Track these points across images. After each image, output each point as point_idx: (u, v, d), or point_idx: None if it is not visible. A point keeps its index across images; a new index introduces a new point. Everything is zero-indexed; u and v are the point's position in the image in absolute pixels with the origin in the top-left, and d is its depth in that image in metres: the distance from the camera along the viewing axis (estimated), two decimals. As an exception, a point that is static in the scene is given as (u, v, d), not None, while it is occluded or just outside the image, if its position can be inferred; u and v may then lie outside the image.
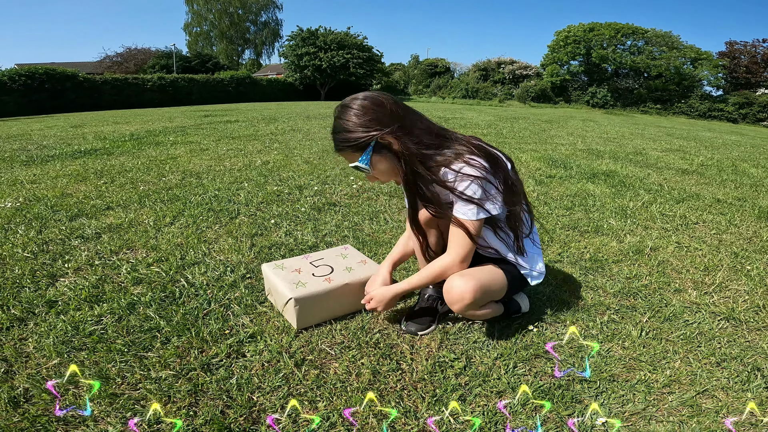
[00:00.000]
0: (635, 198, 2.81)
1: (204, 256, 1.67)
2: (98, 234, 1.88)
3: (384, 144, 1.01)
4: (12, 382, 0.98)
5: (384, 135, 0.99)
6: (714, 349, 1.21)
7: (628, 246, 1.94)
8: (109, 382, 0.98)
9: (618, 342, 1.23)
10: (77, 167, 3.27)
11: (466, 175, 1.01)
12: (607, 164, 4.04)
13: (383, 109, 1.00)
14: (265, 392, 0.98)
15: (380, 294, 1.18)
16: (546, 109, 20.64)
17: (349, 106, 1.02)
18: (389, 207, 2.40)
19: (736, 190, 3.27)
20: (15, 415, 0.88)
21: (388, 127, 0.99)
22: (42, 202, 2.32)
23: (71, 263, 1.58)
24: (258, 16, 38.75)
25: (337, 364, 1.09)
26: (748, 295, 1.55)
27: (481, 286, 1.08)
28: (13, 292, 1.37)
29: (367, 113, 1.00)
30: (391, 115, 1.00)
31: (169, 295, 1.38)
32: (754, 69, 23.48)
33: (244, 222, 2.07)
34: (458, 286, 1.07)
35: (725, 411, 0.98)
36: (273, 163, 3.51)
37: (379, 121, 0.99)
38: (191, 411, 0.92)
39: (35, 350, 1.09)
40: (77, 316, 1.23)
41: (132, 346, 1.11)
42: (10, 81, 13.46)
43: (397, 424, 0.91)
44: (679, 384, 1.06)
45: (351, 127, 1.01)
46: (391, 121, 1.00)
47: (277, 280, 1.25)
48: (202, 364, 1.06)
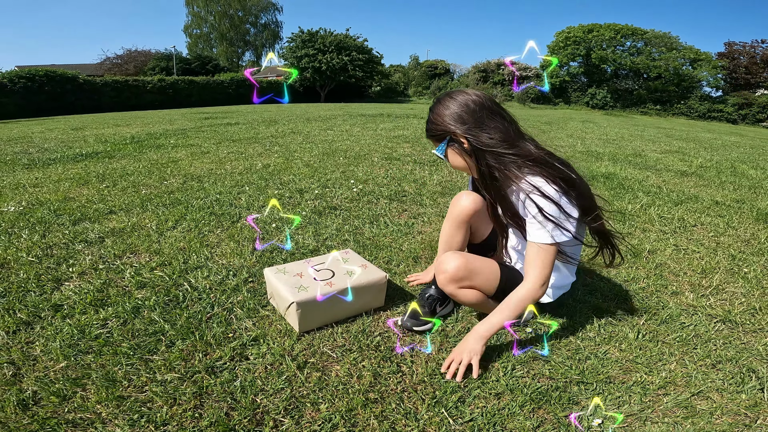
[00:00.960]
0: (634, 200, 2.83)
1: (206, 260, 1.69)
2: (102, 238, 1.90)
3: (457, 141, 1.11)
4: (20, 385, 1.00)
5: (458, 132, 1.10)
6: (710, 351, 1.23)
7: (626, 249, 1.96)
8: (116, 384, 1.00)
9: (615, 344, 1.24)
10: (79, 170, 3.29)
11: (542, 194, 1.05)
12: (606, 166, 4.06)
13: (467, 108, 1.10)
14: (268, 394, 1.00)
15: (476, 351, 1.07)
16: (545, 110, 20.69)
17: (442, 100, 1.15)
18: (389, 210, 2.42)
19: (735, 192, 3.29)
20: (24, 418, 0.90)
21: (465, 126, 1.09)
22: (45, 205, 2.34)
23: (75, 267, 1.60)
24: (258, 18, 38.88)
25: (338, 366, 1.11)
26: (745, 297, 1.57)
27: (467, 266, 1.15)
28: (18, 296, 1.39)
29: (452, 110, 1.11)
30: (473, 116, 1.09)
31: (172, 299, 1.40)
32: (753, 70, 23.54)
33: (245, 226, 2.09)
34: (448, 259, 1.17)
35: (719, 412, 1.00)
36: (273, 166, 3.53)
37: (460, 119, 1.10)
38: (196, 413, 0.94)
39: (42, 353, 1.11)
40: (83, 320, 1.25)
41: (137, 349, 1.13)
42: (10, 83, 13.52)
43: (398, 425, 0.93)
44: (675, 386, 1.08)
45: (436, 119, 1.13)
46: (470, 122, 1.09)
47: (280, 284, 1.27)
48: (207, 366, 1.08)
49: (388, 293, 1.43)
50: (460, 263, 1.15)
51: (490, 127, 1.09)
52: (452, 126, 1.10)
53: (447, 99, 1.14)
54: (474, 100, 1.10)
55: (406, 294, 1.49)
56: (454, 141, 1.12)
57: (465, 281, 1.16)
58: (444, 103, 1.13)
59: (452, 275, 1.15)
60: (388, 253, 1.81)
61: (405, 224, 2.20)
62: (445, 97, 1.15)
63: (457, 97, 1.12)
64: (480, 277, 1.17)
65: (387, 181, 3.08)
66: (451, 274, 1.15)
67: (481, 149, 1.09)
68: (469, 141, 1.09)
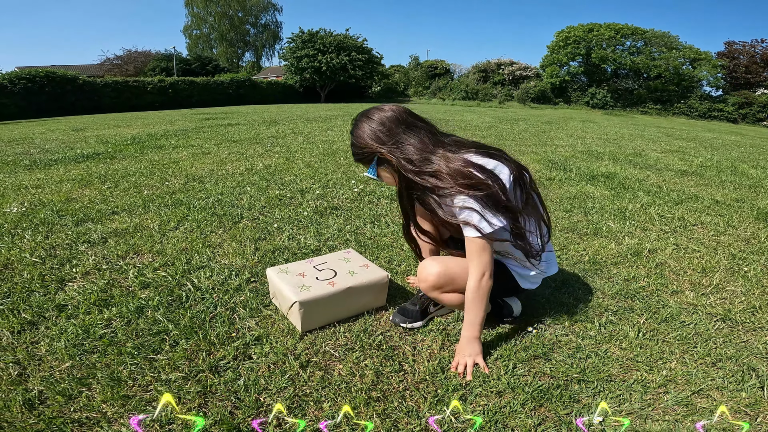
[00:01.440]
0: (634, 200, 2.84)
1: (209, 261, 1.70)
2: (104, 239, 1.91)
3: (385, 159, 1.11)
4: (26, 385, 1.01)
5: (383, 151, 1.10)
6: (710, 349, 1.24)
7: (627, 248, 1.97)
8: (121, 384, 1.01)
9: (615, 343, 1.25)
10: (81, 171, 3.30)
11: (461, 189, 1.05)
12: (606, 166, 4.07)
13: (383, 126, 1.10)
14: (271, 393, 1.01)
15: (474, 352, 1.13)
16: (546, 110, 20.68)
17: (359, 122, 1.14)
18: (390, 210, 2.43)
19: (735, 191, 3.30)
20: (30, 417, 0.91)
21: (386, 145, 1.09)
22: (47, 206, 2.35)
23: (79, 268, 1.61)
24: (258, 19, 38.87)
25: (341, 365, 1.12)
26: (745, 296, 1.57)
27: (447, 272, 1.16)
28: (23, 296, 1.40)
29: (370, 130, 1.10)
30: (390, 133, 1.09)
31: (176, 298, 1.41)
32: (753, 69, 23.53)
33: (247, 226, 2.10)
34: (427, 267, 1.17)
35: (720, 410, 1.00)
36: (275, 166, 3.54)
37: (378, 139, 1.10)
38: (201, 412, 0.95)
39: (47, 353, 1.12)
40: (87, 320, 1.26)
41: (142, 349, 1.14)
42: (10, 84, 13.53)
43: (400, 424, 0.94)
44: (675, 384, 1.09)
45: (359, 142, 1.13)
46: (389, 139, 1.09)
47: (282, 284, 1.28)
48: (210, 366, 1.08)
49: (390, 293, 1.44)
50: (440, 271, 1.15)
51: (407, 140, 1.09)
52: (376, 146, 1.09)
53: (364, 120, 1.12)
54: (389, 117, 1.10)
55: (407, 293, 1.50)
56: (383, 160, 1.11)
57: (447, 287, 1.17)
58: (362, 124, 1.12)
59: (433, 284, 1.16)
60: (389, 253, 1.82)
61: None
62: (362, 118, 1.13)
63: (374, 116, 1.11)
64: (461, 279, 1.17)
65: (388, 182, 3.08)
66: (431, 283, 1.16)
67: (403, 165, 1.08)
68: (395, 157, 1.08)
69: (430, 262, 1.18)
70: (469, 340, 1.14)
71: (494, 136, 6.29)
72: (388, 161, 1.10)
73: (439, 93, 28.02)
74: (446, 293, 1.19)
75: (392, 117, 1.10)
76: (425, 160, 1.08)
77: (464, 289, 1.18)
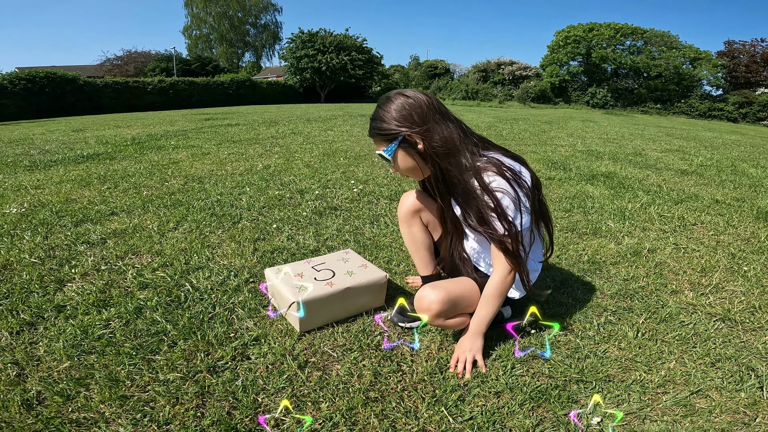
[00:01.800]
0: (634, 199, 2.83)
1: (208, 261, 1.69)
2: (103, 239, 1.91)
3: (411, 142, 1.07)
4: (24, 385, 1.01)
5: (412, 133, 1.06)
6: (709, 349, 1.24)
7: (626, 248, 1.97)
8: (119, 384, 1.01)
9: (614, 343, 1.25)
10: (80, 172, 3.30)
11: (498, 188, 1.04)
12: (606, 165, 4.06)
13: (420, 109, 1.06)
14: (269, 393, 1.01)
15: (476, 348, 1.11)
16: (546, 110, 20.67)
17: (392, 99, 1.10)
18: (390, 211, 2.42)
19: (735, 190, 3.30)
20: (29, 417, 0.91)
21: (419, 127, 1.06)
22: (47, 207, 2.35)
23: (78, 268, 1.61)
24: (258, 19, 38.88)
25: (339, 365, 1.12)
26: (744, 296, 1.57)
27: (449, 298, 1.11)
28: (21, 297, 1.40)
29: (404, 110, 1.07)
30: (424, 117, 1.06)
31: (174, 299, 1.41)
32: (753, 68, 23.52)
33: (246, 227, 2.10)
34: (427, 296, 1.11)
35: (718, 411, 1.00)
36: (274, 167, 3.54)
37: (412, 119, 1.06)
38: (198, 412, 0.94)
39: (46, 353, 1.12)
40: (86, 321, 1.26)
41: (140, 350, 1.14)
42: (10, 84, 13.55)
43: (398, 424, 0.94)
44: (674, 384, 1.09)
45: (387, 118, 1.08)
46: (423, 123, 1.06)
47: (280, 285, 1.28)
48: (209, 366, 1.08)
49: (389, 293, 1.44)
50: (442, 298, 1.10)
51: (441, 128, 1.07)
52: (405, 126, 1.06)
53: (400, 97, 1.08)
54: (425, 101, 1.08)
55: (406, 293, 1.50)
56: (407, 142, 1.07)
57: (451, 312, 1.14)
58: (396, 101, 1.08)
59: (437, 312, 1.10)
60: (388, 253, 1.81)
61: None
62: (396, 95, 1.10)
63: (410, 96, 1.08)
64: (464, 302, 1.16)
65: (387, 181, 3.09)
66: (435, 312, 1.10)
67: (435, 151, 1.06)
68: (425, 142, 1.06)
69: (428, 290, 1.12)
70: (474, 335, 1.12)
71: (494, 136, 6.28)
72: (413, 145, 1.07)
73: (439, 93, 28.00)
74: (450, 319, 1.16)
75: (429, 103, 1.08)
76: (456, 152, 1.07)
77: (467, 310, 1.18)
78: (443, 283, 1.17)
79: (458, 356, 1.12)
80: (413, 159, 1.10)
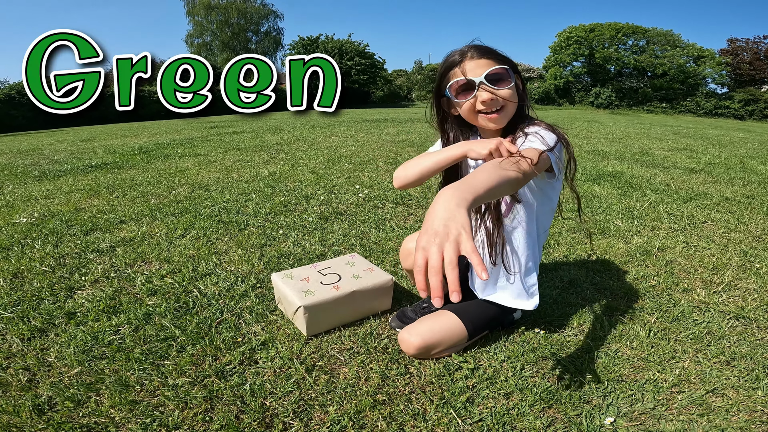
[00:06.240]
0: (642, 198, 2.81)
1: (215, 267, 1.70)
2: (113, 247, 1.93)
3: (517, 78, 1.14)
4: (36, 390, 1.01)
5: (518, 73, 1.14)
6: (723, 347, 1.21)
7: (636, 247, 1.95)
8: (129, 389, 1.02)
9: (626, 342, 1.23)
10: (89, 182, 3.35)
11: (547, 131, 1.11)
12: (613, 165, 4.03)
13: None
14: (277, 397, 1.00)
15: (453, 222, 0.63)
16: (550, 111, 20.60)
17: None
18: (395, 215, 2.42)
19: (745, 187, 3.25)
20: (40, 422, 0.92)
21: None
22: (57, 217, 2.38)
23: (88, 276, 1.62)
24: (259, 26, 39.24)
25: (346, 369, 1.11)
26: (758, 293, 1.54)
27: (426, 344, 1.12)
28: (32, 304, 1.42)
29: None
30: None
31: (182, 305, 1.41)
32: (757, 65, 23.32)
33: (253, 233, 2.11)
34: (404, 341, 1.15)
35: (735, 409, 0.98)
36: (279, 173, 3.56)
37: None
38: (207, 416, 0.94)
39: (57, 359, 1.13)
40: (96, 327, 1.27)
41: (149, 355, 1.14)
42: (18, 95, 13.80)
43: (406, 427, 0.93)
44: (689, 383, 1.07)
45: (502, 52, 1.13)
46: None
47: (287, 289, 1.28)
48: (217, 371, 1.08)
49: (395, 296, 1.43)
50: (419, 346, 1.12)
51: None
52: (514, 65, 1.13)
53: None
54: None
55: (413, 297, 1.49)
56: (518, 75, 1.15)
57: (433, 350, 1.14)
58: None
59: (416, 355, 1.14)
60: (394, 257, 1.81)
61: (411, 228, 2.20)
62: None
63: None
64: (446, 341, 1.14)
65: (392, 186, 3.09)
66: (413, 355, 1.14)
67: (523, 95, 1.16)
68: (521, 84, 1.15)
69: (406, 335, 1.14)
70: (460, 202, 0.66)
71: (498, 138, 6.26)
72: (515, 82, 1.12)
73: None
74: (435, 355, 1.15)
75: None
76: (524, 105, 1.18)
77: (453, 346, 1.16)
78: (424, 326, 1.15)
79: (428, 240, 0.61)
80: (513, 92, 1.13)
